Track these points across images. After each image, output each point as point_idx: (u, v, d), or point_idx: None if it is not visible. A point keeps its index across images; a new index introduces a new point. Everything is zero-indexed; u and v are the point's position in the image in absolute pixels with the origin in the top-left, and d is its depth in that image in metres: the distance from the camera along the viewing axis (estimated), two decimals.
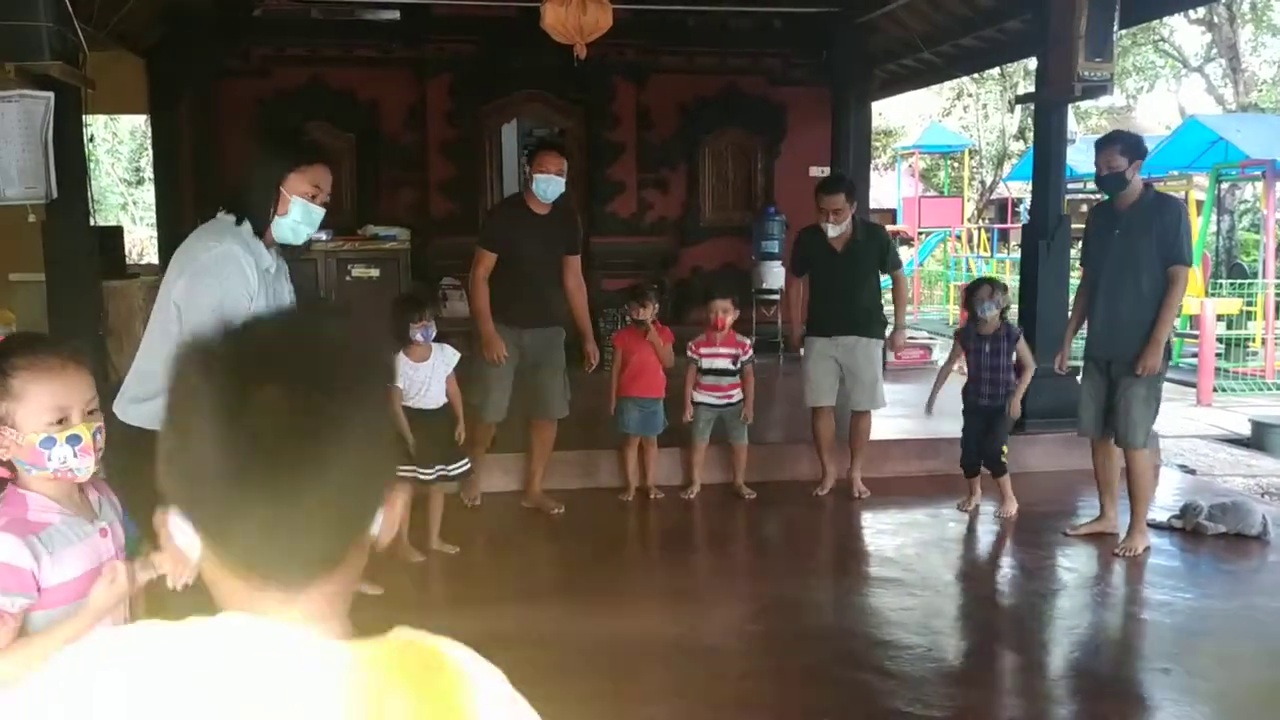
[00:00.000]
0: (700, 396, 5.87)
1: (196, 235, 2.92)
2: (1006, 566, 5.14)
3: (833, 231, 5.69)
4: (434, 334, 4.75)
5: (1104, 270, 5.00)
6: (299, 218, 2.92)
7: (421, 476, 4.72)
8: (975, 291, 5.63)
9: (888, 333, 6.02)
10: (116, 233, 7.82)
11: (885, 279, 6.04)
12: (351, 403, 0.82)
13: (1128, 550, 4.96)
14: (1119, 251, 4.90)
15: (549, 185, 5.20)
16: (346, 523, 0.84)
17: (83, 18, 5.32)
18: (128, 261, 8.25)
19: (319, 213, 2.96)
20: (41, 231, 5.32)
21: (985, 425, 5.56)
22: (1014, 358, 5.52)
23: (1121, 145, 4.91)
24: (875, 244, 5.87)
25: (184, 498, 0.83)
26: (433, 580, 4.74)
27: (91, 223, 5.83)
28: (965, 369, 5.67)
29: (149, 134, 10.81)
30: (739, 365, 5.85)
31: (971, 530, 5.53)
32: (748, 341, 5.95)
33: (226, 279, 2.76)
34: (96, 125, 19.16)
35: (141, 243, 19.03)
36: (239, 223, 2.88)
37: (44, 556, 1.72)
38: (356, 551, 0.87)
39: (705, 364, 5.84)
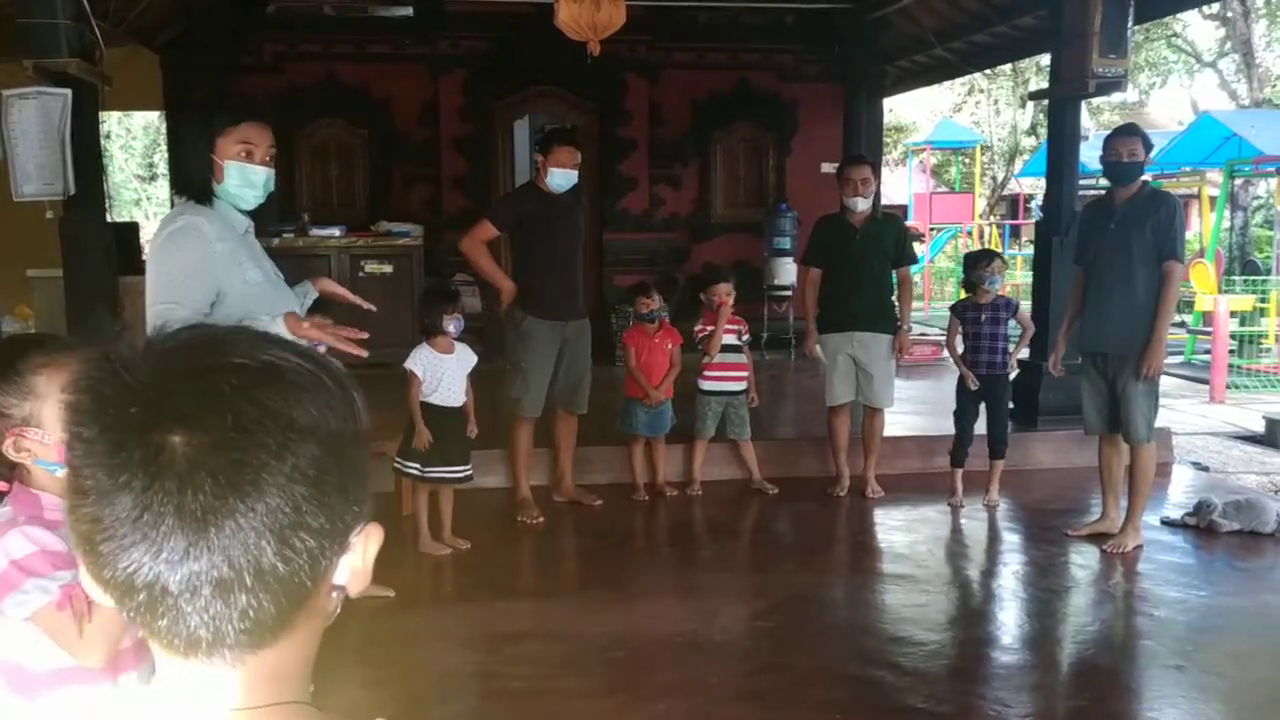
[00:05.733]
0: (708, 386, 5.85)
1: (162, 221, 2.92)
2: (1018, 563, 5.14)
3: (861, 205, 5.68)
4: (463, 326, 4.83)
5: (1097, 264, 5.00)
6: (237, 180, 2.79)
7: (440, 476, 4.81)
8: (981, 264, 5.71)
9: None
10: (132, 229, 7.87)
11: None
12: (277, 444, 0.68)
13: (1117, 547, 4.95)
14: (1112, 245, 4.90)
15: (565, 179, 5.23)
16: (282, 584, 0.71)
17: (99, 14, 5.36)
18: (143, 257, 8.30)
19: (258, 173, 2.82)
20: (59, 228, 5.36)
21: (985, 395, 5.61)
22: (1010, 325, 5.66)
23: (1142, 138, 4.97)
24: (892, 229, 5.86)
25: (88, 554, 0.71)
26: (444, 576, 4.76)
27: (108, 219, 5.87)
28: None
29: (163, 130, 10.86)
30: (743, 342, 5.87)
31: (983, 527, 5.53)
32: (743, 321, 5.96)
33: (178, 252, 2.72)
34: (110, 121, 19.24)
35: None
36: (197, 200, 2.81)
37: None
38: (308, 618, 0.75)
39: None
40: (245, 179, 2.81)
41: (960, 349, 5.68)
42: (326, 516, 0.71)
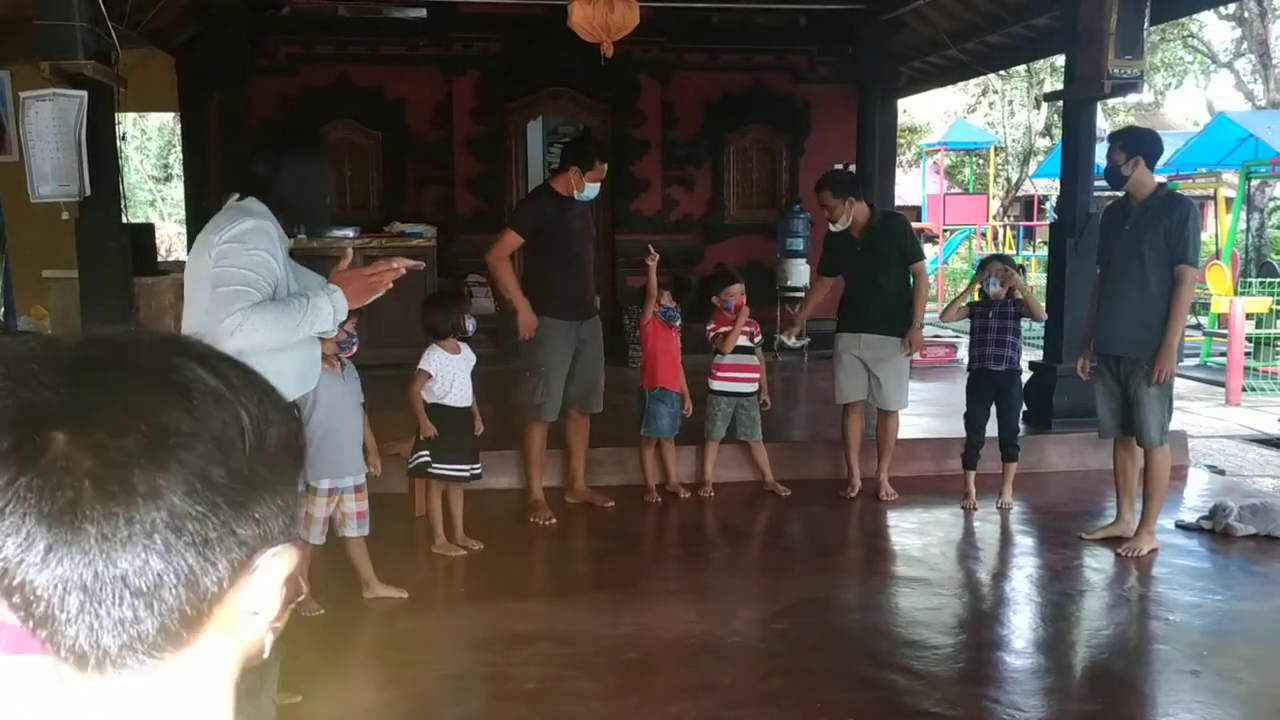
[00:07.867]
0: (720, 386, 5.86)
1: (219, 220, 2.83)
2: (1032, 567, 5.12)
3: (836, 228, 5.77)
4: (476, 327, 4.93)
5: (1111, 266, 4.99)
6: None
7: (449, 473, 4.82)
8: (984, 267, 5.79)
9: None
10: (148, 230, 7.89)
11: None
12: (147, 451, 0.66)
13: (1132, 550, 4.92)
14: (1126, 248, 4.89)
15: (593, 191, 5.36)
16: (157, 599, 0.67)
17: (115, 17, 5.38)
18: (158, 258, 8.33)
19: None
20: (75, 229, 5.39)
21: (995, 394, 5.61)
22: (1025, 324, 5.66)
23: (1121, 140, 4.98)
24: (892, 231, 5.82)
25: None
26: (457, 578, 4.77)
27: (123, 220, 5.90)
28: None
29: (178, 131, 10.92)
30: (755, 343, 5.88)
31: (997, 530, 5.51)
32: (755, 322, 5.97)
33: (253, 249, 2.71)
34: (125, 122, 19.35)
35: (170, 239, 19.20)
36: (294, 229, 3.04)
37: None
38: (207, 637, 0.70)
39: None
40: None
41: (965, 298, 5.83)
42: (210, 533, 0.68)
